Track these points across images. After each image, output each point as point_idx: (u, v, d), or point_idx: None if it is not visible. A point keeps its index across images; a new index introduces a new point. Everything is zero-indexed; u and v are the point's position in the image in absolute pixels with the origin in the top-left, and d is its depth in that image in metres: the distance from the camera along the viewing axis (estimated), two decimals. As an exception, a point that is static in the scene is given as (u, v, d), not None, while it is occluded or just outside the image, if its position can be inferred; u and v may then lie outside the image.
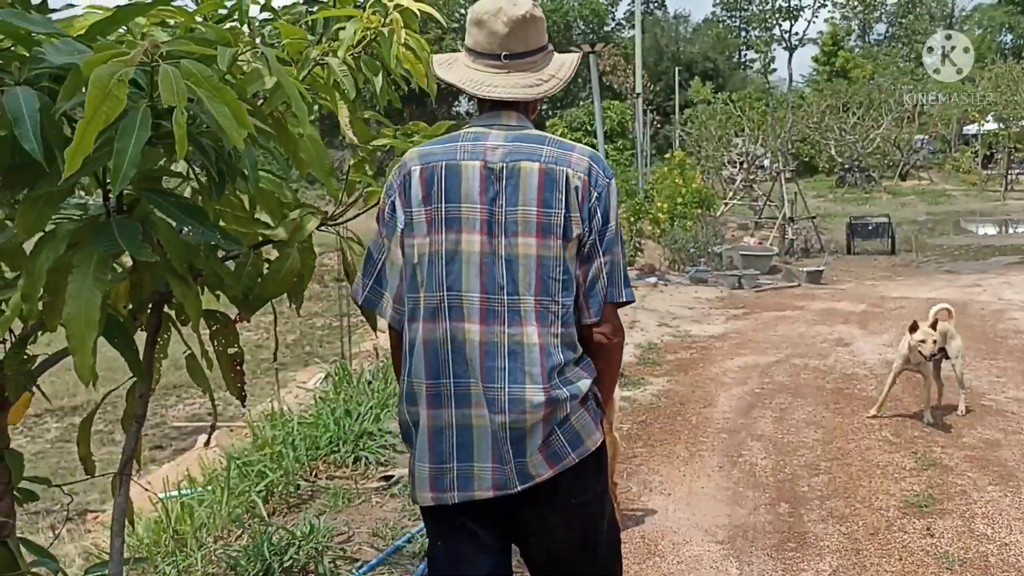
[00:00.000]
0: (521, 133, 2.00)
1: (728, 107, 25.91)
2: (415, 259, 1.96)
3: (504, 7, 2.01)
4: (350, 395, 6.26)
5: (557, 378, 1.92)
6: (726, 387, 6.56)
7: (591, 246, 1.96)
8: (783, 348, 7.92)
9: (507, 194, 1.93)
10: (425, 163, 1.98)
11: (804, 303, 10.69)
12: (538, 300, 1.92)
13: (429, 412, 1.96)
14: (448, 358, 1.94)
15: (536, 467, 1.92)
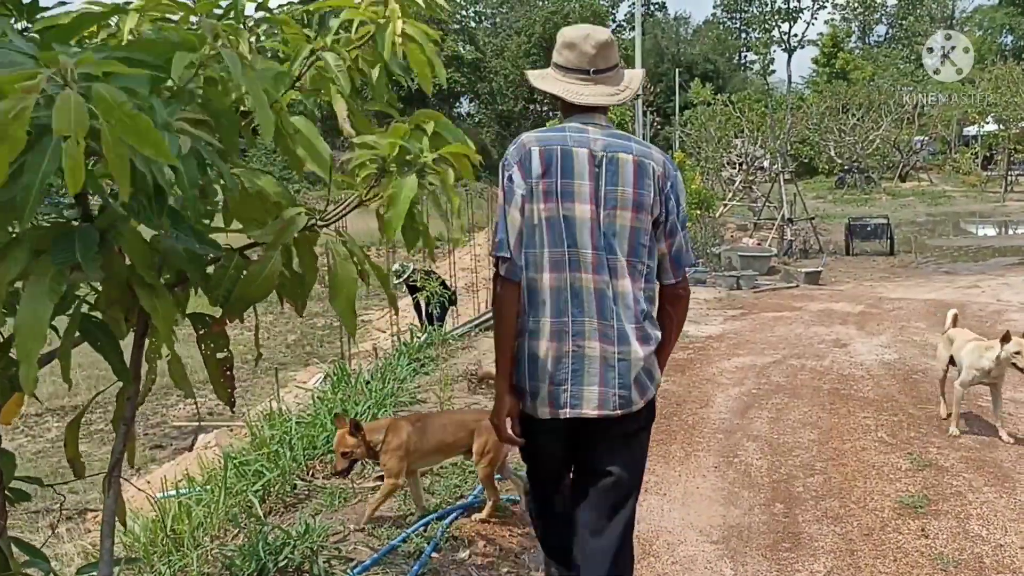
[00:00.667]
0: (611, 131, 2.56)
1: (727, 108, 25.90)
2: (535, 221, 2.46)
3: (592, 33, 2.60)
4: (348, 395, 6.27)
5: (647, 326, 2.51)
6: (723, 388, 6.57)
7: (672, 224, 2.53)
8: (780, 349, 7.93)
9: (608, 176, 2.47)
10: (543, 145, 2.49)
11: (802, 304, 10.70)
12: (629, 260, 2.48)
13: (552, 344, 2.46)
14: (569, 300, 2.46)
15: (633, 397, 2.47)
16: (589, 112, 2.57)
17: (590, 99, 2.56)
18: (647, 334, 2.49)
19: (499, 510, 4.08)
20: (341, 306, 2.13)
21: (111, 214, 1.82)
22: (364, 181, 2.12)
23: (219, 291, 2.08)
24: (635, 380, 2.46)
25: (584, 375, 2.46)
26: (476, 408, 4.77)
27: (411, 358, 7.63)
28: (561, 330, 2.46)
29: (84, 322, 1.98)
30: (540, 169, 2.47)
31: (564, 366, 2.46)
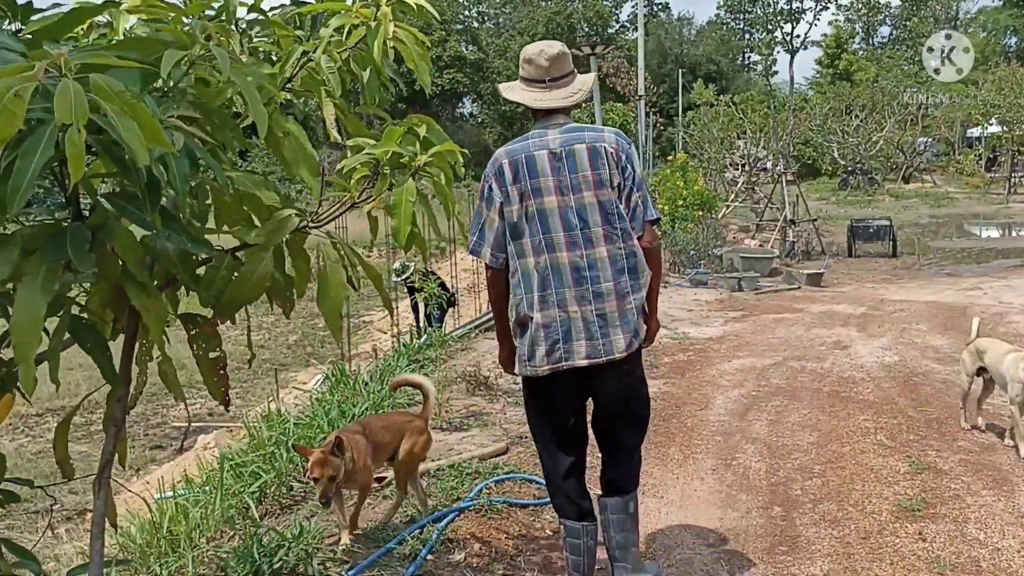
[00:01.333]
0: (568, 127, 3.12)
1: (730, 110, 25.88)
2: (514, 219, 3.07)
3: (545, 49, 3.19)
4: (346, 396, 6.26)
5: (625, 280, 3.04)
6: (722, 390, 6.56)
7: (629, 189, 3.07)
8: (781, 351, 7.91)
9: (568, 166, 3.04)
10: (510, 157, 3.11)
11: (803, 306, 10.68)
12: (604, 228, 3.03)
13: (540, 313, 3.04)
14: (549, 276, 3.04)
15: (616, 348, 3.01)
16: (550, 115, 3.16)
17: (548, 103, 3.15)
18: (625, 288, 3.04)
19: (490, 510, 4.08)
20: (327, 309, 2.13)
21: (102, 213, 1.81)
22: (358, 183, 2.11)
23: (210, 292, 2.08)
24: (616, 330, 3.02)
25: (572, 333, 3.03)
26: (408, 411, 4.66)
27: (410, 359, 7.62)
28: (548, 300, 3.05)
29: (73, 323, 1.97)
30: (511, 176, 3.08)
31: (554, 329, 3.04)
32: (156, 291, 1.90)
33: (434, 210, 2.29)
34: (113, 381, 2.08)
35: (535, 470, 4.77)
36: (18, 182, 1.46)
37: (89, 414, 15.42)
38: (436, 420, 5.61)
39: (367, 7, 2.27)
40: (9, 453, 11.30)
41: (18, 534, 7.98)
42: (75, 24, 1.92)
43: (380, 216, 2.21)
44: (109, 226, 1.80)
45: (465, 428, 5.56)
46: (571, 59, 3.22)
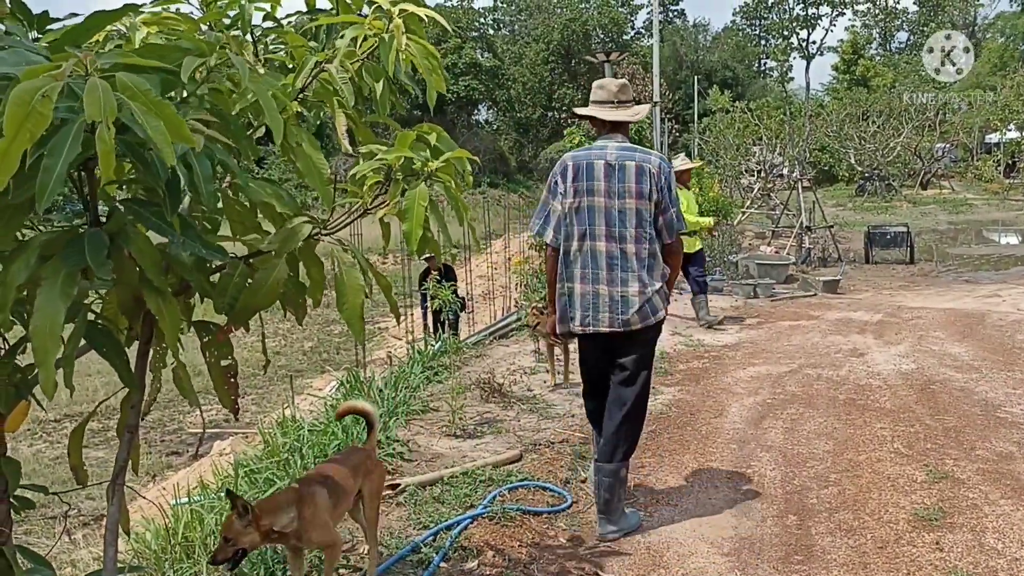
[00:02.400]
0: (623, 145, 3.99)
1: (746, 116, 25.81)
2: (566, 209, 3.98)
3: (614, 80, 4.22)
4: (362, 403, 6.28)
5: (644, 272, 3.93)
6: (737, 397, 6.52)
7: (665, 204, 3.94)
8: (797, 358, 7.86)
9: (618, 176, 3.90)
10: (575, 161, 3.99)
11: (820, 313, 10.62)
12: (636, 231, 3.90)
13: (580, 286, 3.98)
14: (589, 259, 3.95)
15: (632, 321, 3.93)
16: (612, 133, 4.07)
17: (614, 117, 4.08)
18: (644, 280, 3.93)
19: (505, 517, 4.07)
20: (348, 314, 2.13)
21: (119, 218, 1.83)
22: (370, 190, 2.12)
23: (224, 299, 2.09)
24: (633, 310, 3.92)
25: (600, 306, 3.96)
26: (356, 447, 4.13)
27: (425, 366, 7.63)
28: (586, 277, 3.98)
29: (89, 329, 1.99)
30: (572, 175, 3.98)
31: (588, 301, 3.98)
32: (172, 297, 1.91)
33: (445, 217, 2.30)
34: (131, 384, 2.09)
35: (549, 477, 4.77)
36: (46, 180, 1.48)
37: (106, 420, 15.52)
38: (450, 427, 5.62)
39: (379, 19, 2.27)
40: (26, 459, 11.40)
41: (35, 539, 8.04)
42: (93, 31, 1.93)
43: (392, 222, 2.21)
44: (126, 231, 1.81)
45: (479, 435, 5.56)
46: (631, 89, 4.22)
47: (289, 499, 2.98)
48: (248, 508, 2.85)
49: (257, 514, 2.85)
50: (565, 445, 5.34)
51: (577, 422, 5.85)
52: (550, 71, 64.45)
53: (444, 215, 2.30)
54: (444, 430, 5.65)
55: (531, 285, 8.69)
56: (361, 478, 3.34)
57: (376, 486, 3.45)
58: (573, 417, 5.96)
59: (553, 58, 64.34)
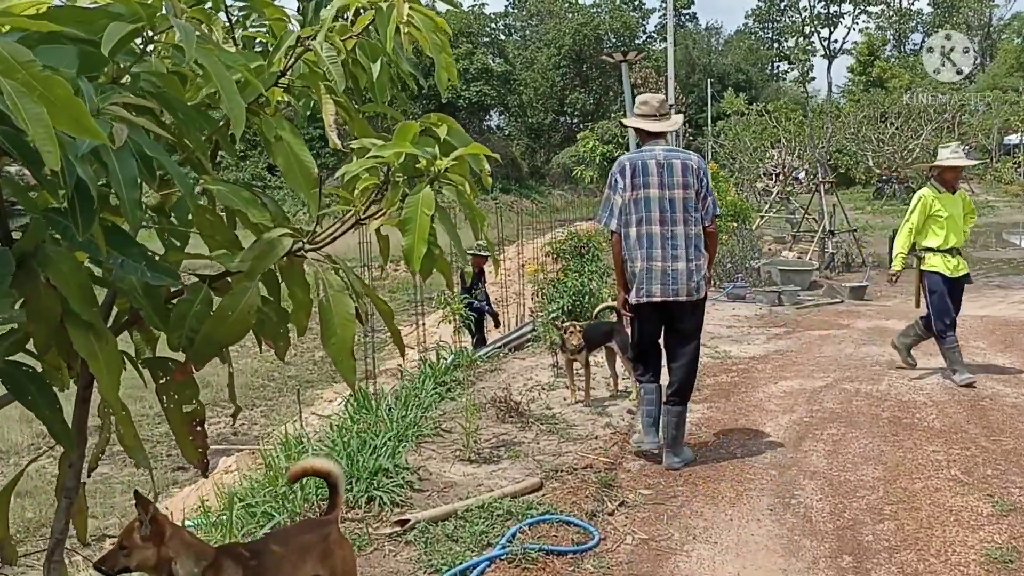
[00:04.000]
0: (668, 147, 4.93)
1: (764, 118, 25.31)
2: (626, 200, 4.82)
3: (656, 96, 5.17)
4: (368, 424, 5.87)
5: (692, 251, 4.78)
6: (772, 415, 6.07)
7: (704, 193, 4.83)
8: (831, 371, 7.40)
9: (668, 172, 4.77)
10: (631, 161, 4.85)
11: (849, 321, 10.13)
12: (684, 215, 4.77)
13: (641, 263, 4.79)
14: (646, 240, 4.77)
15: (680, 293, 4.77)
16: (656, 138, 4.97)
17: (658, 127, 4.98)
18: (691, 256, 4.79)
19: (530, 562, 3.64)
20: (336, 350, 1.72)
21: (35, 234, 1.42)
22: (363, 195, 1.70)
23: (181, 332, 1.67)
24: (683, 281, 4.78)
25: (656, 279, 4.79)
26: (313, 520, 3.57)
27: (437, 381, 7.21)
28: (644, 255, 4.80)
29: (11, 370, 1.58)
30: (630, 173, 4.83)
31: (645, 275, 4.80)
32: (105, 331, 1.50)
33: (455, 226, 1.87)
34: (64, 441, 1.67)
35: (573, 510, 4.34)
36: None
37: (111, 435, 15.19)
38: (464, 451, 5.20)
39: (376, -13, 1.85)
40: None
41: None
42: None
43: (393, 233, 1.79)
44: (44, 251, 1.40)
45: (495, 460, 5.14)
46: (667, 105, 5.21)
47: (205, 553, 2.36)
48: (156, 521, 2.25)
49: (164, 531, 2.27)
50: (589, 472, 4.91)
51: (601, 444, 5.42)
52: (562, 76, 64.07)
53: (456, 223, 1.88)
54: (458, 454, 5.23)
55: (548, 294, 8.24)
56: (314, 564, 2.66)
57: (343, 568, 2.75)
58: (596, 439, 5.53)
59: (565, 63, 63.96)
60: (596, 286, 8.37)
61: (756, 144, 24.51)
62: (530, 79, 64.94)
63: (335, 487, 2.87)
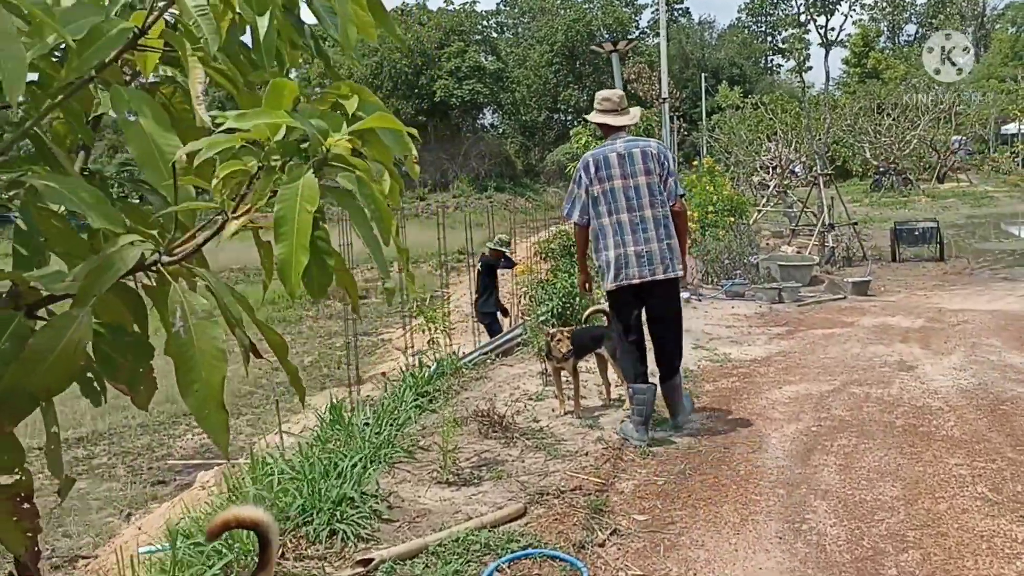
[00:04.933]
0: (628, 139, 5.25)
1: (760, 111, 24.86)
2: (595, 194, 5.18)
3: (615, 92, 5.51)
4: (340, 441, 5.42)
5: (662, 231, 5.14)
6: (777, 424, 5.63)
7: (665, 176, 5.20)
8: (837, 374, 6.95)
9: (629, 161, 5.14)
10: (594, 156, 5.22)
11: (854, 318, 9.69)
12: (650, 199, 5.14)
13: (612, 251, 5.13)
14: (617, 228, 5.12)
15: (656, 272, 5.11)
16: (618, 132, 5.28)
17: (619, 122, 5.29)
18: (661, 236, 5.12)
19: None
20: (198, 401, 1.27)
21: None
22: (227, 185, 1.23)
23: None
24: (657, 261, 5.11)
25: (632, 263, 5.10)
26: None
27: (418, 391, 6.76)
28: (617, 243, 5.12)
29: None
30: (594, 168, 5.17)
31: (620, 260, 5.11)
32: None
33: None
34: None
35: (559, 540, 3.89)
36: None
37: (93, 445, 14.71)
38: (442, 473, 4.74)
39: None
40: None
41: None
42: None
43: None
44: None
45: (475, 482, 4.68)
46: (627, 99, 5.57)
47: None
48: None
49: None
50: (578, 494, 4.46)
51: (591, 462, 4.97)
52: (555, 73, 63.64)
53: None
54: (435, 476, 4.77)
55: (537, 297, 7.80)
56: None
57: None
58: (586, 456, 5.08)
59: (557, 60, 63.52)
60: (587, 287, 7.91)
61: (752, 137, 24.05)
62: (523, 76, 64.51)
63: (266, 541, 2.38)
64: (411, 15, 66.44)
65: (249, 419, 15.63)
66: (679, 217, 5.29)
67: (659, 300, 5.28)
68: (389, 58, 59.95)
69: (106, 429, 15.40)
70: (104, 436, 14.94)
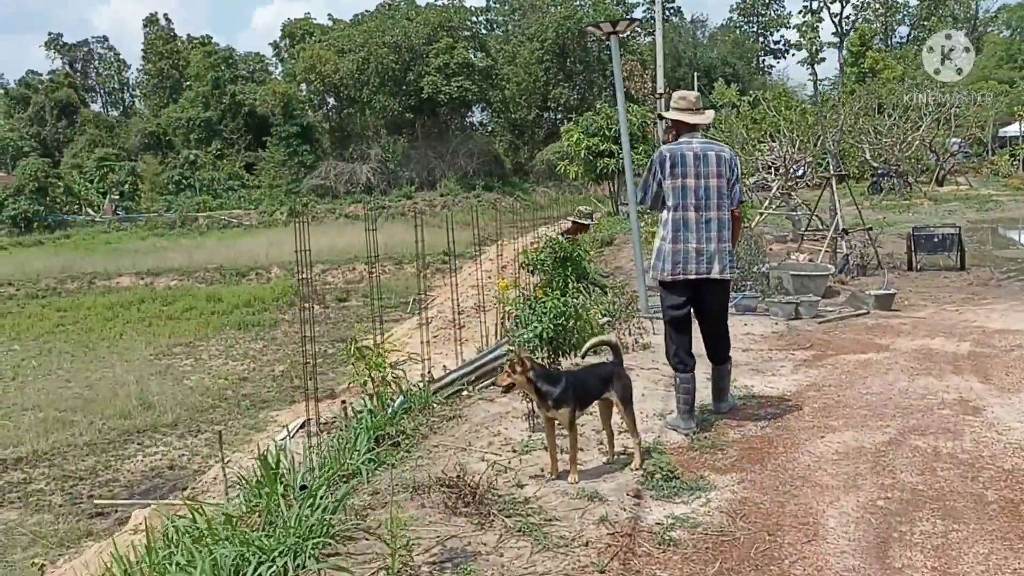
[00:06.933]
0: (703, 140, 5.58)
1: (762, 108, 23.62)
2: (666, 189, 5.45)
3: (692, 92, 5.87)
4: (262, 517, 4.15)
5: (724, 233, 5.48)
6: (830, 495, 4.36)
7: (733, 183, 5.52)
8: (888, 417, 5.70)
9: (703, 163, 5.42)
10: (670, 151, 5.48)
11: (887, 340, 8.43)
12: (718, 201, 5.44)
13: (672, 246, 5.44)
14: (682, 224, 5.41)
15: (713, 271, 5.44)
16: (692, 131, 5.57)
17: (696, 120, 5.57)
18: (723, 238, 5.46)
19: None
20: None
21: None
22: None
23: None
24: (714, 261, 5.43)
25: (689, 257, 5.43)
26: None
27: (375, 431, 5.48)
28: (678, 237, 5.43)
29: None
30: (669, 164, 5.44)
31: (680, 254, 5.43)
32: None
33: None
34: None
35: None
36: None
37: (30, 469, 13.31)
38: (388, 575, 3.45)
39: None
40: None
41: None
42: None
43: None
44: None
45: (434, 591, 3.39)
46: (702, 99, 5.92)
47: None
48: None
49: None
50: (577, 618, 3.17)
51: (593, 556, 3.68)
52: (545, 70, 62.41)
53: None
54: (379, 580, 3.48)
55: (522, 318, 6.51)
56: None
57: None
58: (586, 546, 3.79)
59: (548, 57, 62.32)
60: (585, 304, 6.63)
61: (752, 136, 22.81)
62: (512, 74, 63.30)
63: None
64: (399, 10, 65.08)
65: (208, 438, 14.29)
66: (736, 221, 5.61)
67: (711, 297, 5.59)
68: (376, 53, 58.55)
69: (48, 448, 14.02)
70: (45, 457, 13.56)
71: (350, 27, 66.69)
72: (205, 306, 27.91)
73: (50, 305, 29.47)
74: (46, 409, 16.10)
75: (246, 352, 21.79)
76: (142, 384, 17.32)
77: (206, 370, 19.71)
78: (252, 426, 14.88)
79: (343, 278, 33.95)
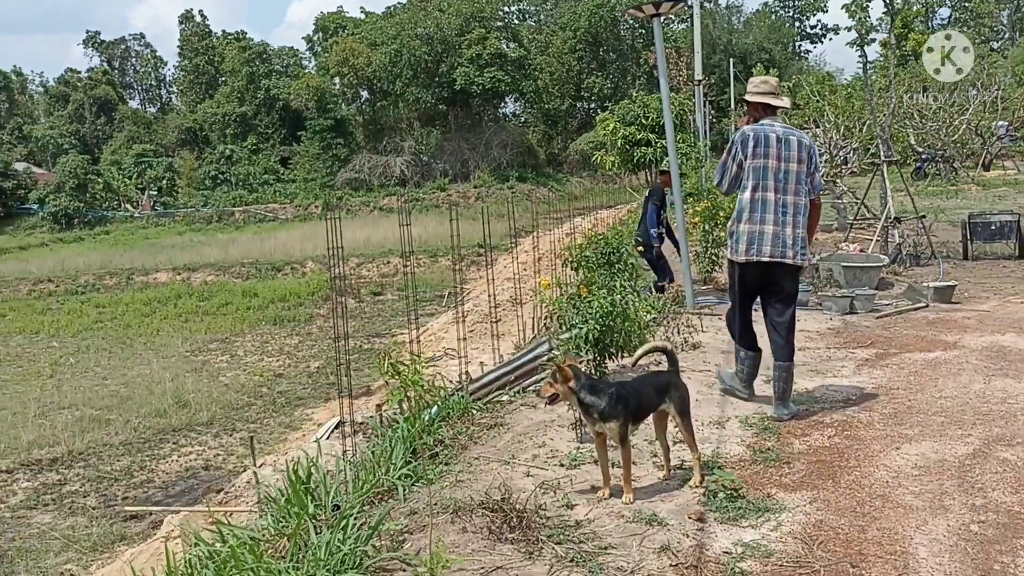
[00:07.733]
0: (784, 125, 5.65)
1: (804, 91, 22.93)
2: (746, 168, 5.51)
3: (772, 77, 5.91)
4: (287, 547, 3.82)
5: (800, 218, 5.50)
6: (916, 517, 3.92)
7: (813, 170, 5.56)
8: (968, 425, 5.23)
9: (785, 146, 5.48)
10: (753, 132, 5.51)
11: (953, 336, 7.91)
12: (796, 186, 5.49)
13: (749, 225, 5.49)
14: (761, 205, 5.47)
15: (787, 255, 5.45)
16: (773, 114, 5.67)
17: (778, 103, 5.68)
18: (798, 223, 5.48)
19: None
20: None
21: None
22: None
23: None
24: (788, 245, 5.44)
25: (765, 239, 5.46)
26: None
27: (411, 443, 5.15)
28: (754, 218, 5.48)
29: None
30: (752, 143, 5.51)
31: (754, 235, 5.47)
32: None
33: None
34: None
35: None
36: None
37: (65, 470, 13.19)
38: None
39: None
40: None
41: None
42: None
43: None
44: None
45: (480, 635, 3.03)
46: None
47: None
48: None
49: None
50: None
51: (657, 591, 3.29)
52: (578, 60, 61.78)
53: None
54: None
55: (566, 319, 6.12)
56: None
57: None
58: (648, 579, 3.40)
59: (581, 46, 61.68)
60: (633, 305, 6.21)
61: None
62: (545, 64, 62.72)
63: None
64: (430, 1, 64.73)
65: (243, 437, 14.09)
66: (816, 209, 5.70)
67: (783, 282, 5.59)
68: (408, 45, 58.30)
69: (84, 448, 13.91)
70: (80, 457, 13.44)
71: (382, 20, 66.54)
72: (241, 301, 27.88)
73: (89, 301, 29.66)
74: (82, 408, 16.03)
75: (281, 348, 21.63)
76: (178, 381, 17.22)
77: (242, 366, 19.57)
78: (287, 424, 14.66)
79: (378, 272, 33.79)
